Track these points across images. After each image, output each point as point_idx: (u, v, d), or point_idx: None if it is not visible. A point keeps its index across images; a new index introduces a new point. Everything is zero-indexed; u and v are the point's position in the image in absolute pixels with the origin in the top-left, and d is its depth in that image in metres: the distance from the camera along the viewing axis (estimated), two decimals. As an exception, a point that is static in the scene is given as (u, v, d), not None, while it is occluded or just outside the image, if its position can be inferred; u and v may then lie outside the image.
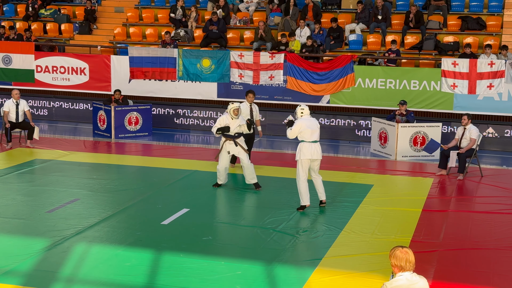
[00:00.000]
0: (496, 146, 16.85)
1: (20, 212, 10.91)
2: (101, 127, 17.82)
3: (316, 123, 11.04)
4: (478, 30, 19.10)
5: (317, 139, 10.96)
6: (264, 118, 18.16)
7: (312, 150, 10.90)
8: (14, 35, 20.98)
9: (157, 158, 15.20)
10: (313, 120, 11.04)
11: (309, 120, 10.97)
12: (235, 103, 12.50)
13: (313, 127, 10.92)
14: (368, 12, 19.88)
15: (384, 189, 12.73)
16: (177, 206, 11.32)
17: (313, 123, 10.96)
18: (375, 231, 10.14)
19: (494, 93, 16.70)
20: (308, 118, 11.01)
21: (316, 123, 11.02)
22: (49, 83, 19.88)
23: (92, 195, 11.99)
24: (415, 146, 15.49)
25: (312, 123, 10.96)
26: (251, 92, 14.08)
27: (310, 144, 10.89)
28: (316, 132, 10.93)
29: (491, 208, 11.62)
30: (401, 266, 5.55)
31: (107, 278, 8.21)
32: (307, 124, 10.88)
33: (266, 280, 8.23)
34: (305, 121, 10.93)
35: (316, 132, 10.94)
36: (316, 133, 10.94)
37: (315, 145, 10.93)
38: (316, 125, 11.00)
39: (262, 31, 19.44)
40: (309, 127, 10.87)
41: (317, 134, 10.96)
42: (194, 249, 9.31)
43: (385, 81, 17.43)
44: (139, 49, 19.16)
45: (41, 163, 14.36)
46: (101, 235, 9.79)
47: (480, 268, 8.83)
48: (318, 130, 10.98)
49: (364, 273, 8.44)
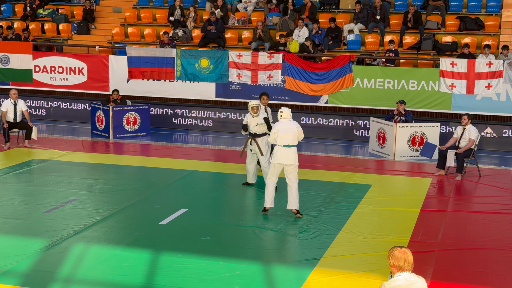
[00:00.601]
0: (494, 146, 16.86)
1: (18, 212, 10.89)
2: (99, 127, 17.80)
3: (293, 127, 10.57)
4: (476, 30, 19.11)
5: (291, 144, 10.54)
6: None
7: (283, 155, 10.54)
8: (12, 35, 20.95)
9: (155, 158, 15.19)
10: (291, 124, 10.61)
11: (285, 123, 10.61)
12: (254, 101, 12.12)
13: (288, 131, 10.51)
14: (366, 12, 19.88)
15: (382, 189, 12.73)
16: (175, 206, 11.31)
17: (288, 127, 10.56)
18: (373, 231, 10.14)
19: (492, 93, 16.71)
20: (285, 121, 10.63)
21: (292, 127, 10.56)
22: (47, 83, 19.86)
23: (90, 195, 11.98)
24: (413, 146, 15.50)
25: (287, 127, 10.57)
26: (265, 94, 13.23)
27: (282, 148, 10.55)
28: (289, 137, 10.50)
29: (489, 208, 11.62)
30: (400, 266, 5.54)
31: (105, 278, 8.20)
32: (281, 128, 10.56)
33: (264, 280, 8.23)
34: (280, 125, 10.62)
35: (290, 136, 10.50)
36: (290, 137, 10.50)
37: (288, 150, 10.54)
38: (292, 129, 10.53)
39: (261, 31, 19.44)
40: (283, 131, 10.53)
41: (291, 139, 10.52)
42: (192, 249, 9.30)
43: (384, 81, 17.43)
44: (137, 49, 19.15)
45: (39, 163, 14.34)
46: (99, 235, 9.78)
47: (478, 268, 8.83)
48: (292, 134, 10.51)
49: (362, 273, 8.43)
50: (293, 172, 10.68)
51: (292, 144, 10.60)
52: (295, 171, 10.69)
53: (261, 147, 12.09)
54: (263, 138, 12.13)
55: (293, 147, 10.62)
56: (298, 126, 10.71)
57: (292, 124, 10.65)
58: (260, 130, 12.11)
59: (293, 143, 10.61)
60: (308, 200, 11.83)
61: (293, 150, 10.62)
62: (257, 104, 12.04)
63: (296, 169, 10.69)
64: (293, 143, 10.61)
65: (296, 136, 10.63)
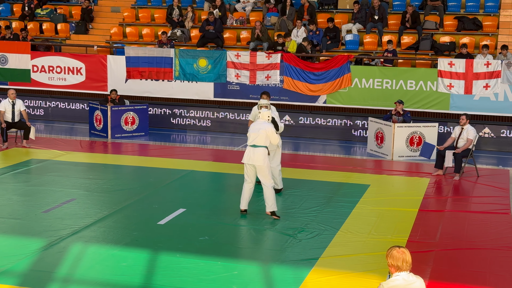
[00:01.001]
0: (492, 146, 16.88)
1: (16, 212, 10.88)
2: (97, 127, 17.80)
3: (263, 128, 10.43)
4: (475, 30, 19.12)
5: (257, 144, 10.43)
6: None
7: (249, 154, 10.48)
8: (10, 34, 20.94)
9: (153, 158, 15.18)
10: (262, 124, 10.49)
11: (259, 124, 10.56)
12: (264, 101, 11.80)
13: (257, 131, 10.43)
14: (364, 12, 19.89)
15: (380, 189, 12.73)
16: (173, 206, 11.31)
17: (258, 127, 10.46)
18: (371, 231, 10.15)
19: (490, 93, 16.73)
20: (260, 122, 10.59)
21: (261, 128, 10.44)
22: (45, 83, 19.85)
23: (89, 195, 11.97)
24: (411, 146, 15.51)
25: (257, 127, 10.48)
26: (265, 93, 12.79)
27: (249, 148, 10.55)
28: (257, 137, 10.40)
29: (487, 208, 11.63)
30: (398, 266, 5.54)
31: (104, 278, 8.19)
32: (252, 128, 10.56)
33: (262, 280, 8.23)
34: (253, 125, 10.65)
35: (258, 137, 10.40)
36: (258, 138, 10.40)
37: (254, 150, 10.45)
38: (260, 129, 10.42)
39: (259, 31, 19.44)
40: (253, 131, 10.52)
41: (259, 139, 10.40)
42: (190, 249, 9.30)
43: (382, 81, 17.44)
44: (136, 49, 19.14)
45: (37, 163, 14.33)
46: (98, 235, 9.77)
47: (476, 268, 8.84)
48: (261, 135, 10.39)
49: (360, 273, 8.44)
50: (261, 172, 10.53)
51: (259, 145, 10.46)
52: (264, 172, 10.50)
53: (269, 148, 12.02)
54: None
55: (260, 148, 10.47)
56: (268, 128, 10.52)
57: (264, 125, 10.54)
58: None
59: (260, 143, 10.46)
60: (306, 200, 11.83)
61: (260, 150, 10.47)
62: (266, 104, 11.71)
63: (265, 170, 10.50)
64: (260, 143, 10.46)
65: (265, 137, 10.47)
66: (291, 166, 14.58)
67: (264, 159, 10.49)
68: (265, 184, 10.58)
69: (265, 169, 10.50)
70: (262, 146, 10.52)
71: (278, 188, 12.12)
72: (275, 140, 10.66)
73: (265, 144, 10.53)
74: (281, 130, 11.83)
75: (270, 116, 10.80)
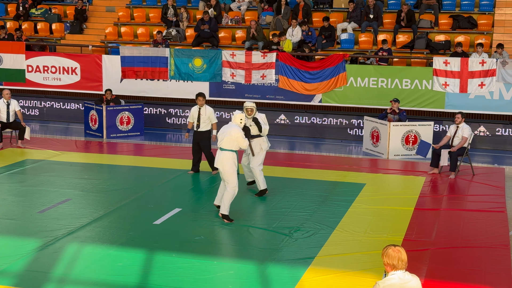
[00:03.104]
0: (487, 145, 16.90)
1: (11, 212, 10.86)
2: (92, 127, 17.76)
3: (230, 131, 10.39)
4: (469, 29, 19.15)
5: (223, 147, 10.41)
6: (256, 117, 18.24)
7: (217, 157, 10.55)
8: (4, 34, 20.88)
9: (149, 158, 15.17)
10: (231, 128, 10.44)
11: (227, 126, 10.56)
12: (249, 102, 11.96)
13: (224, 134, 10.44)
14: (359, 11, 19.90)
15: (376, 188, 12.74)
16: (169, 206, 11.30)
17: (225, 131, 10.45)
18: (367, 230, 10.15)
19: (486, 91, 16.75)
20: (229, 124, 10.60)
21: (228, 131, 10.40)
22: (40, 83, 19.80)
23: (84, 195, 11.95)
24: (407, 145, 15.52)
25: (225, 130, 10.47)
26: (201, 95, 13.26)
27: (218, 151, 10.59)
28: (224, 140, 10.40)
29: (482, 207, 11.65)
30: (394, 265, 5.55)
31: (99, 278, 8.18)
32: (221, 131, 10.59)
33: (258, 279, 8.23)
34: (222, 127, 10.66)
35: (224, 140, 10.40)
36: (224, 140, 10.40)
37: (220, 153, 10.47)
38: (225, 133, 10.42)
39: (254, 30, 19.43)
40: (220, 133, 10.56)
41: (225, 142, 10.38)
42: (186, 248, 9.29)
43: (377, 80, 17.45)
44: (131, 49, 19.11)
45: (32, 163, 14.30)
46: (93, 235, 9.76)
47: (472, 266, 8.85)
48: (226, 138, 10.38)
49: (356, 272, 8.44)
50: (224, 176, 10.46)
51: (225, 148, 10.42)
52: (227, 176, 10.41)
53: (254, 148, 11.98)
54: (257, 139, 11.97)
55: (225, 151, 10.41)
56: (235, 133, 10.43)
57: (231, 128, 10.48)
58: (253, 131, 12.01)
59: (226, 147, 10.41)
60: (302, 199, 11.83)
61: (224, 154, 10.41)
62: (252, 107, 11.83)
63: (226, 174, 10.40)
64: (226, 147, 10.41)
65: (230, 141, 10.40)
66: (287, 165, 14.58)
67: (227, 164, 10.37)
68: (226, 186, 10.50)
69: (226, 173, 10.39)
70: (228, 150, 10.43)
71: (262, 189, 11.98)
72: (243, 144, 10.52)
73: (231, 148, 10.43)
74: (265, 132, 11.82)
75: (243, 120, 10.72)
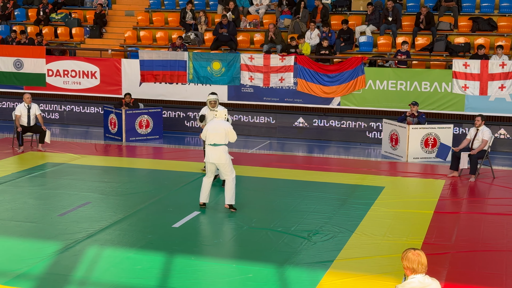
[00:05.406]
0: (508, 148, 16.75)
1: (32, 215, 10.95)
2: (112, 130, 17.87)
3: (222, 127, 10.94)
4: (489, 31, 19.01)
5: (217, 142, 10.91)
6: (274, 120, 18.24)
7: (211, 153, 10.98)
8: (25, 39, 21.09)
9: (168, 161, 15.22)
10: (221, 123, 10.98)
11: (216, 123, 11.02)
12: (212, 95, 12.80)
13: (216, 131, 10.93)
14: (378, 13, 19.84)
15: (395, 191, 12.68)
16: (188, 209, 11.33)
17: (217, 126, 10.95)
18: (386, 233, 10.11)
19: (506, 94, 16.62)
20: (216, 121, 11.06)
21: (221, 127, 10.93)
22: (60, 87, 19.97)
23: (104, 198, 12.02)
24: (426, 147, 15.43)
25: (217, 126, 10.97)
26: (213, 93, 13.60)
27: (209, 147, 11.01)
28: (217, 136, 10.90)
29: (503, 210, 11.55)
30: (413, 268, 5.52)
31: (119, 281, 8.22)
32: (210, 127, 11.01)
33: (277, 282, 8.22)
34: (210, 124, 11.11)
35: (217, 136, 10.90)
36: (217, 136, 10.90)
37: (215, 148, 10.94)
38: (220, 129, 10.91)
39: (272, 33, 19.44)
40: (211, 130, 10.99)
41: (219, 138, 10.90)
42: (205, 251, 9.31)
43: (396, 82, 17.37)
44: (150, 53, 19.21)
45: (53, 167, 14.41)
46: (113, 238, 9.81)
47: (492, 270, 8.78)
48: (220, 134, 10.90)
49: (376, 276, 8.41)
50: (224, 168, 11.06)
51: (219, 143, 10.95)
52: (227, 167, 11.04)
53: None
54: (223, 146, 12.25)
55: (220, 146, 10.97)
56: (227, 126, 11.04)
57: (222, 123, 11.03)
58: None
59: (220, 142, 10.96)
60: (320, 202, 11.81)
61: (221, 148, 10.97)
62: (215, 99, 12.64)
63: (227, 165, 11.03)
64: (220, 142, 10.96)
65: (224, 136, 10.95)
66: (305, 168, 14.57)
67: (224, 156, 11.00)
68: (229, 177, 11.10)
69: (225, 165, 11.03)
70: (222, 144, 10.98)
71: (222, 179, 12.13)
72: (234, 138, 11.11)
73: (224, 142, 11.02)
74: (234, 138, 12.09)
75: (227, 115, 11.43)
